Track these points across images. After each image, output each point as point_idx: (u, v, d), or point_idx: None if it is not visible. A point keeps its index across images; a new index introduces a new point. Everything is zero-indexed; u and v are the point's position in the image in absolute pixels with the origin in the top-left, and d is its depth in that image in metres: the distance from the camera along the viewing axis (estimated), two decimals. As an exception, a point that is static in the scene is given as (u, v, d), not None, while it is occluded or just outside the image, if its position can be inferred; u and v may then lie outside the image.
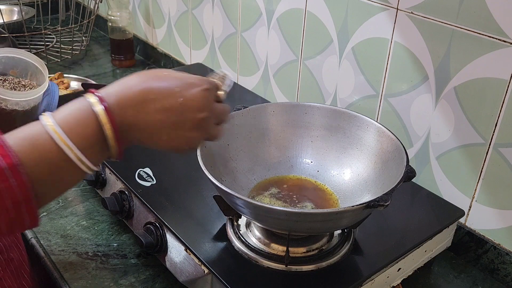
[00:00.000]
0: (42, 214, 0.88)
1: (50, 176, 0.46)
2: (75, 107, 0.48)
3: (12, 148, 0.43)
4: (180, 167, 0.85)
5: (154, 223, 0.73)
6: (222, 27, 1.24)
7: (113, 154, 0.50)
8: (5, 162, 0.42)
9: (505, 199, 0.77)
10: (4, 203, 0.43)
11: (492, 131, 0.76)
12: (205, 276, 0.65)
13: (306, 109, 0.78)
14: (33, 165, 0.44)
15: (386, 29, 0.86)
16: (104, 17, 1.64)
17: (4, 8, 1.63)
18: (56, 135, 0.45)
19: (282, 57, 1.10)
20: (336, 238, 0.70)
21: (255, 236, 0.69)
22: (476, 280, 0.81)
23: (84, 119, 0.47)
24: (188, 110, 0.52)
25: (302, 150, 0.79)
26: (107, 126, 0.47)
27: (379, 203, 0.57)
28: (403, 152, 0.66)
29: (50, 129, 0.46)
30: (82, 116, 0.47)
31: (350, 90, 0.96)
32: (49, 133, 0.45)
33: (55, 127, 0.46)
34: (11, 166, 0.42)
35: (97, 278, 0.76)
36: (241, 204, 0.60)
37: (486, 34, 0.72)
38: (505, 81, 0.72)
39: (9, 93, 0.65)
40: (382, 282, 0.68)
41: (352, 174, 0.74)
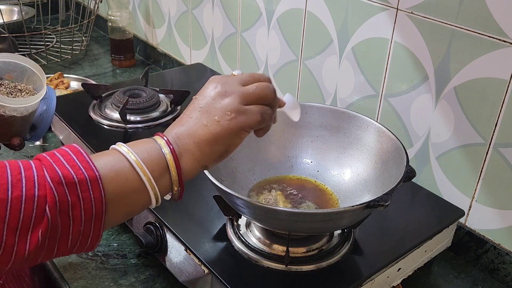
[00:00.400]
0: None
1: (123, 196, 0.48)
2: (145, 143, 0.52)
3: (94, 163, 0.45)
4: (180, 167, 0.84)
5: (154, 223, 0.73)
6: (222, 27, 1.24)
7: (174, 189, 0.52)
8: (87, 174, 0.44)
9: (505, 199, 0.77)
10: (78, 213, 0.44)
11: (492, 131, 0.76)
12: (205, 276, 0.65)
13: (306, 109, 0.78)
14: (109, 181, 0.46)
15: (386, 29, 0.86)
16: (104, 17, 1.64)
17: (4, 8, 1.63)
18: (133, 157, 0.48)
19: (282, 57, 1.10)
20: (336, 238, 0.70)
21: (255, 236, 0.69)
22: (476, 280, 0.81)
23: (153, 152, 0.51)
24: (216, 104, 0.53)
25: (302, 150, 0.79)
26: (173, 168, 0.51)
27: (379, 203, 0.57)
28: (403, 152, 0.66)
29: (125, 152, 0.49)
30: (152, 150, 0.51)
31: (350, 90, 0.96)
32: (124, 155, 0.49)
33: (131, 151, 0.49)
34: (92, 179, 0.44)
35: (97, 278, 0.76)
36: (241, 204, 0.60)
37: (486, 34, 0.72)
38: (505, 81, 0.72)
39: (8, 100, 0.65)
40: (382, 282, 0.68)
41: (352, 174, 0.74)
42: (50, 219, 0.42)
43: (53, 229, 0.42)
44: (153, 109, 1.00)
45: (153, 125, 0.97)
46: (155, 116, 0.99)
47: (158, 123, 0.98)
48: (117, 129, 0.95)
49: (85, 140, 0.89)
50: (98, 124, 0.96)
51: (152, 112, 1.00)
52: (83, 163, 0.45)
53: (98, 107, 1.00)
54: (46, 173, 0.43)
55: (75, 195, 0.43)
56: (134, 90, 1.03)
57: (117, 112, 0.96)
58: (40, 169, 0.43)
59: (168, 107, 1.03)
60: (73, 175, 0.43)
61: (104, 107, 1.00)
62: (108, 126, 0.95)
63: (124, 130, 0.95)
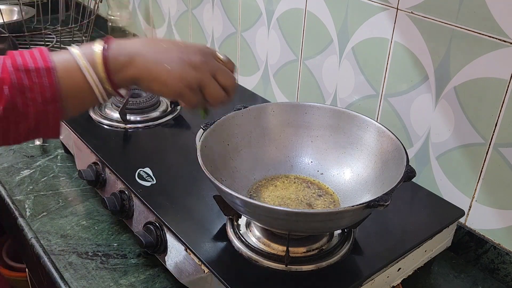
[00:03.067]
0: (42, 214, 0.89)
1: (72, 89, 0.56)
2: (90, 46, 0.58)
3: (50, 57, 0.54)
4: (180, 167, 0.85)
5: (154, 223, 0.73)
6: (222, 27, 1.24)
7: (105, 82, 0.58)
8: (43, 64, 0.53)
9: (505, 199, 0.77)
10: (34, 96, 0.53)
11: (492, 131, 0.76)
12: (205, 276, 0.65)
13: (306, 109, 0.78)
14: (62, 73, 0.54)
15: (386, 29, 0.86)
16: (104, 17, 1.64)
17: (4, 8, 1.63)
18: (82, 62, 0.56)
19: (282, 57, 1.10)
20: (336, 238, 0.70)
21: (255, 236, 0.69)
22: (476, 280, 0.81)
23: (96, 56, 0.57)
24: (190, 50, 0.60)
25: (302, 150, 0.79)
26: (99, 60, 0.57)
27: (379, 203, 0.57)
28: (403, 152, 0.66)
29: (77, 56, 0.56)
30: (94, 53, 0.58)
31: (350, 90, 0.96)
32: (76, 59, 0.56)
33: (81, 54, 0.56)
34: (47, 68, 0.53)
35: (97, 278, 0.76)
36: (241, 204, 0.60)
37: (486, 34, 0.72)
38: (505, 81, 0.72)
39: None
40: (382, 282, 0.68)
41: (352, 174, 0.74)
42: (9, 96, 0.52)
43: (13, 106, 0.52)
44: (153, 109, 1.00)
45: (153, 125, 0.97)
46: (155, 116, 0.99)
47: (158, 123, 0.98)
48: (117, 129, 0.95)
49: (85, 140, 0.89)
50: (98, 124, 0.96)
51: (152, 112, 1.00)
52: (41, 56, 0.54)
53: (98, 107, 1.00)
54: (9, 62, 0.53)
55: (30, 79, 0.53)
56: (134, 90, 1.03)
57: (117, 112, 0.96)
58: (5, 59, 0.53)
59: (168, 107, 1.03)
60: (30, 63, 0.53)
61: (104, 107, 1.00)
62: (108, 126, 0.95)
63: (124, 130, 0.95)
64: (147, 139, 0.94)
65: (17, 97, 0.52)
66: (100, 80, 0.57)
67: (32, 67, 0.53)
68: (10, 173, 0.99)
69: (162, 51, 0.59)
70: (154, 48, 0.59)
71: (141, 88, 0.60)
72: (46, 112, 0.54)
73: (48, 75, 0.53)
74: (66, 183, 0.97)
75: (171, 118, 1.00)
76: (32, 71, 0.53)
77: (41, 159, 1.04)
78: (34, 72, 0.53)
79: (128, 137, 0.94)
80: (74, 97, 0.56)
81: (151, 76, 0.58)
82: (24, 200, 0.92)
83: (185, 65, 0.59)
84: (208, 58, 0.61)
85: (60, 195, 0.94)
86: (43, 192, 0.94)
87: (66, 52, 0.57)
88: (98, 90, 0.57)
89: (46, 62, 0.54)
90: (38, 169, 1.01)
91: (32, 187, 0.96)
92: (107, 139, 0.91)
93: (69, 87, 0.55)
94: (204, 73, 0.60)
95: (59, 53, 0.56)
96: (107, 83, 0.57)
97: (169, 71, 0.58)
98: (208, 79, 0.60)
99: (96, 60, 0.56)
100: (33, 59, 0.53)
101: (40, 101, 0.53)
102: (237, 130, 0.75)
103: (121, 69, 0.57)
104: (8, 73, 0.52)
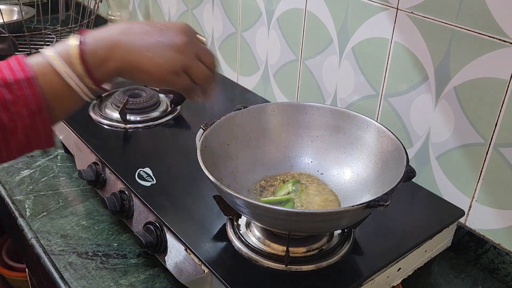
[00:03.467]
0: (42, 214, 0.89)
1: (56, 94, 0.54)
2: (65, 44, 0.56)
3: (30, 65, 0.52)
4: (180, 167, 0.85)
5: (154, 223, 0.73)
6: (222, 27, 1.24)
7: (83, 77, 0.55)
8: (23, 75, 0.51)
9: (505, 199, 0.77)
10: (19, 110, 0.50)
11: (492, 131, 0.76)
12: (205, 276, 0.65)
13: (306, 109, 0.78)
14: (43, 80, 0.52)
15: (386, 29, 0.86)
16: (104, 17, 1.64)
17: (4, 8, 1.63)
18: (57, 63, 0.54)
19: (282, 57, 1.10)
20: (336, 238, 0.70)
21: (255, 236, 0.69)
22: (476, 280, 0.81)
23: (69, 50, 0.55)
24: (169, 33, 0.57)
25: (302, 150, 0.79)
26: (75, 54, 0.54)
27: (379, 203, 0.57)
28: (403, 152, 0.66)
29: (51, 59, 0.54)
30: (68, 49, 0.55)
31: (350, 90, 0.96)
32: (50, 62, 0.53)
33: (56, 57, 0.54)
34: (27, 79, 0.51)
35: (97, 278, 0.76)
36: (241, 204, 0.60)
37: (486, 34, 0.72)
38: (505, 81, 0.72)
39: None
40: (382, 282, 0.68)
41: (352, 174, 0.74)
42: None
43: (0, 124, 0.50)
44: (153, 109, 1.00)
45: (153, 125, 0.97)
46: (155, 116, 0.99)
47: (158, 123, 0.98)
48: (117, 129, 0.95)
49: (85, 140, 0.89)
50: (98, 124, 0.96)
51: (152, 112, 1.00)
52: (20, 66, 0.51)
53: (98, 107, 1.00)
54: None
55: (12, 93, 0.50)
56: (134, 90, 1.03)
57: (117, 112, 0.96)
58: None
59: (168, 107, 1.03)
60: (9, 76, 0.50)
61: (104, 107, 1.00)
62: (108, 126, 0.95)
63: (124, 130, 0.95)
64: (147, 139, 0.94)
65: (2, 114, 0.50)
66: (81, 79, 0.54)
67: (11, 80, 0.50)
68: (10, 173, 0.99)
69: (140, 37, 0.55)
70: (132, 35, 0.55)
71: (125, 79, 0.58)
72: (35, 124, 0.52)
73: (30, 85, 0.51)
74: (66, 183, 0.97)
75: (171, 118, 1.00)
76: (13, 84, 0.50)
77: (41, 159, 1.04)
78: (14, 85, 0.50)
79: (128, 137, 0.94)
80: (59, 102, 0.54)
81: (132, 66, 0.55)
82: (24, 200, 0.92)
83: (166, 50, 0.56)
84: (190, 38, 0.58)
85: (60, 195, 0.94)
86: (43, 192, 0.94)
87: (40, 56, 0.54)
88: (81, 90, 0.54)
89: (25, 72, 0.51)
90: (38, 169, 1.01)
91: (32, 187, 0.96)
92: (107, 139, 0.91)
93: (52, 93, 0.53)
94: (188, 55, 0.57)
95: (35, 58, 0.54)
96: (88, 81, 0.54)
97: (150, 58, 0.55)
98: (192, 61, 0.57)
99: (73, 60, 0.54)
100: (11, 71, 0.51)
101: (26, 114, 0.51)
102: (237, 130, 0.75)
103: (101, 64, 0.55)
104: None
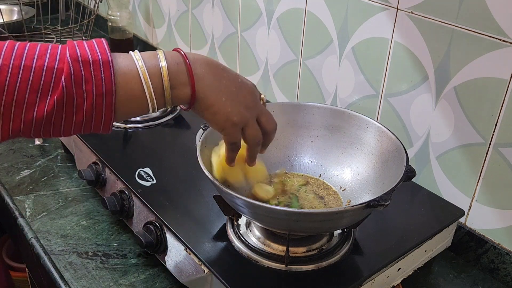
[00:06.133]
0: (42, 214, 0.89)
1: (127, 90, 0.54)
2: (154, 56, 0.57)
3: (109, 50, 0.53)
4: (180, 167, 0.85)
5: (154, 222, 0.73)
6: (222, 27, 1.24)
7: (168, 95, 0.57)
8: (102, 57, 0.52)
9: (505, 199, 0.77)
10: (90, 88, 0.51)
11: (492, 131, 0.76)
12: (205, 276, 0.65)
13: (306, 109, 0.78)
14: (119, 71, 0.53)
15: (386, 29, 0.86)
16: (104, 17, 1.64)
17: (4, 8, 1.63)
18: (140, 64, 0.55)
19: (282, 57, 1.10)
20: (336, 238, 0.70)
21: (255, 236, 0.69)
22: (476, 280, 0.81)
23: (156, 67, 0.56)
24: (244, 88, 0.60)
25: (302, 150, 0.79)
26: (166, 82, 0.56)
27: (379, 203, 0.57)
28: (403, 152, 0.66)
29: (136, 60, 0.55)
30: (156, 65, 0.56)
31: (350, 90, 0.96)
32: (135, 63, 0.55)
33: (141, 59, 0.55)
34: (105, 61, 0.52)
35: (97, 278, 0.76)
36: (241, 204, 0.60)
37: (486, 34, 0.72)
38: (505, 81, 0.72)
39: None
40: (382, 282, 0.68)
41: (352, 174, 0.74)
42: (65, 88, 0.50)
43: (68, 98, 0.51)
44: (153, 109, 1.00)
45: (153, 125, 0.97)
46: (155, 116, 0.99)
47: (158, 123, 0.98)
48: (117, 129, 0.95)
49: (85, 140, 0.89)
50: (98, 124, 0.96)
51: (152, 112, 1.00)
52: (101, 49, 0.53)
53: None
54: (68, 52, 0.51)
55: (88, 71, 0.51)
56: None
57: (117, 112, 0.96)
58: (64, 48, 0.52)
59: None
60: (89, 55, 0.51)
61: (104, 107, 1.00)
62: (108, 126, 0.95)
63: (124, 130, 0.95)
64: (147, 139, 0.94)
65: (73, 89, 0.51)
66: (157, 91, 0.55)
67: (90, 59, 0.51)
68: (10, 173, 0.99)
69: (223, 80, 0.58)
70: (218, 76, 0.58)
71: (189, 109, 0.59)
72: (100, 105, 0.53)
73: (106, 68, 0.52)
74: (66, 183, 0.97)
75: (171, 118, 1.00)
76: (90, 63, 0.51)
77: (41, 159, 1.04)
78: (92, 64, 0.51)
79: (128, 137, 0.94)
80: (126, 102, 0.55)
81: (205, 103, 0.57)
82: (24, 200, 0.92)
83: (239, 103, 0.58)
84: (256, 99, 0.61)
85: (60, 195, 0.94)
86: (43, 192, 0.94)
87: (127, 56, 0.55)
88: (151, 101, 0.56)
89: (104, 54, 0.52)
90: (38, 169, 1.01)
91: (32, 187, 0.96)
92: (107, 139, 0.91)
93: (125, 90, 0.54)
94: (252, 114, 0.60)
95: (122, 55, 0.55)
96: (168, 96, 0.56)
97: (223, 104, 0.57)
98: (253, 120, 0.60)
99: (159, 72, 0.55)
100: (91, 51, 0.52)
101: (95, 93, 0.52)
102: (237, 130, 0.75)
103: (179, 87, 0.56)
104: (66, 63, 0.51)
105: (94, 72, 0.51)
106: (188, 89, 0.56)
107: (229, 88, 0.58)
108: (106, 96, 0.52)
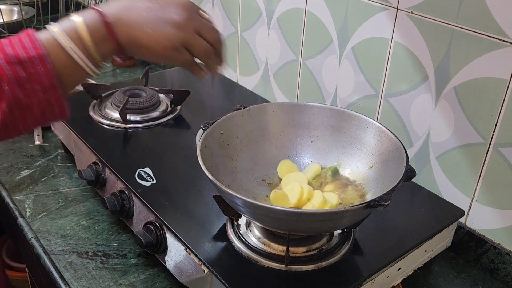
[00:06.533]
0: (42, 214, 0.89)
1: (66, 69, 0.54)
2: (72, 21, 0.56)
3: (41, 42, 0.53)
4: (180, 167, 0.85)
5: (154, 222, 0.73)
6: (222, 27, 1.24)
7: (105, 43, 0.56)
8: (35, 52, 0.51)
9: (505, 199, 0.77)
10: (33, 87, 0.51)
11: (492, 131, 0.76)
12: (205, 276, 0.65)
13: (306, 109, 0.78)
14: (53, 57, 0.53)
15: (386, 29, 0.86)
16: (104, 17, 1.64)
17: (4, 8, 1.63)
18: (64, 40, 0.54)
19: (282, 57, 1.10)
20: (336, 238, 0.70)
21: (255, 236, 0.69)
22: (476, 280, 0.81)
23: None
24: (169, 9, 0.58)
25: (302, 150, 0.79)
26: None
27: (379, 203, 0.57)
28: (403, 152, 0.66)
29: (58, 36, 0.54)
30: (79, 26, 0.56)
31: (350, 90, 0.96)
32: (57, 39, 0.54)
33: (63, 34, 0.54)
34: (39, 56, 0.51)
35: (97, 278, 0.76)
36: (241, 204, 0.60)
37: (486, 34, 0.72)
38: (505, 81, 0.72)
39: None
40: (382, 282, 0.68)
41: (352, 174, 0.74)
42: (10, 92, 0.51)
43: (16, 101, 0.51)
44: (153, 109, 1.00)
45: (153, 125, 0.97)
46: (155, 116, 0.99)
47: (158, 123, 0.98)
48: (117, 129, 0.95)
49: (85, 140, 0.89)
50: (98, 124, 0.96)
51: (152, 112, 1.00)
52: (31, 43, 0.52)
53: (98, 107, 1.00)
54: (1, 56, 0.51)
55: (26, 71, 0.51)
56: (134, 90, 1.03)
57: (117, 112, 0.96)
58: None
59: (168, 107, 1.03)
60: (22, 54, 0.51)
61: (104, 107, 1.00)
62: (108, 126, 0.95)
63: (124, 130, 0.95)
64: (147, 139, 0.94)
65: (18, 91, 0.51)
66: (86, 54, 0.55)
67: (24, 58, 0.51)
68: (10, 173, 0.99)
69: (141, 13, 0.57)
70: (134, 11, 0.57)
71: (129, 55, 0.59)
72: (49, 99, 0.53)
73: (42, 63, 0.52)
74: (66, 183, 0.97)
75: (171, 118, 1.00)
76: (26, 62, 0.51)
77: (41, 159, 1.04)
78: (28, 63, 0.51)
79: (128, 137, 0.94)
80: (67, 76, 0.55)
81: (133, 42, 0.56)
82: (24, 200, 0.92)
83: (166, 25, 0.57)
84: (191, 14, 0.60)
85: (60, 195, 0.94)
86: (43, 192, 0.94)
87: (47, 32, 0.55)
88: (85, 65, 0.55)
89: (37, 49, 0.52)
90: (38, 169, 1.01)
91: (32, 187, 0.96)
92: (107, 139, 0.91)
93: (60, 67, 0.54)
94: (187, 31, 0.58)
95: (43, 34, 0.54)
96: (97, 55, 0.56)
97: (150, 34, 0.56)
98: (192, 36, 0.59)
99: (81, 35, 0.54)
100: (23, 49, 0.51)
101: (40, 90, 0.52)
102: (237, 130, 0.75)
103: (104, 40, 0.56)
104: (3, 68, 0.50)
105: (33, 70, 0.51)
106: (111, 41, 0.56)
107: (151, 17, 0.57)
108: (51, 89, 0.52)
